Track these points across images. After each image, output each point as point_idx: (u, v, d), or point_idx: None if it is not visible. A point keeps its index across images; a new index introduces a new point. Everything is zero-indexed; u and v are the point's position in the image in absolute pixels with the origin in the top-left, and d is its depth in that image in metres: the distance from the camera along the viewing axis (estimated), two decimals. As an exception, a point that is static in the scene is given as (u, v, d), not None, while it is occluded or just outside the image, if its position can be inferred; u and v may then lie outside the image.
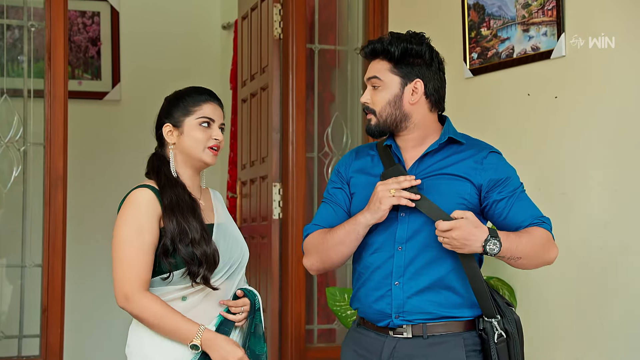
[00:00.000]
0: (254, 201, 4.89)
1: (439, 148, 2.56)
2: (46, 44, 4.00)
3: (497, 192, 2.51)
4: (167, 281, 2.46)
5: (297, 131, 4.51)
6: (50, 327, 3.93)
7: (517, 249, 2.42)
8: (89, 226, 6.07)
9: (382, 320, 2.52)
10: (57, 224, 3.96)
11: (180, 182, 2.53)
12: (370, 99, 2.57)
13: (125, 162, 6.14)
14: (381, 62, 2.56)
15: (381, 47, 2.56)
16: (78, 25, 6.17)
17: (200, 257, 2.44)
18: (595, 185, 3.28)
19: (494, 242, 2.37)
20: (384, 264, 2.52)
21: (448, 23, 4.03)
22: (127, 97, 6.29)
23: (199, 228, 2.47)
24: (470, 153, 2.56)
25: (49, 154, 3.97)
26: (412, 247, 2.50)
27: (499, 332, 2.45)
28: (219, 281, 2.51)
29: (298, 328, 4.45)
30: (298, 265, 4.44)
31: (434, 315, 2.48)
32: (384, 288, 2.51)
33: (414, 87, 2.55)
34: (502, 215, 2.51)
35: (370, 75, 2.57)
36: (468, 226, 2.37)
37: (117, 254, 2.44)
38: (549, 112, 3.49)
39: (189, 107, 2.54)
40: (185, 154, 2.55)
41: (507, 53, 3.68)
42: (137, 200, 2.46)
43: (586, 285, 3.30)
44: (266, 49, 4.71)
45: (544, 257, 2.51)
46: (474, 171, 2.52)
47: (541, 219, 2.52)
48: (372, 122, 2.57)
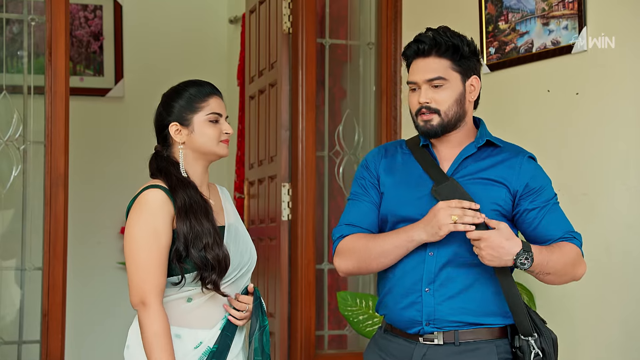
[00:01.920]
0: (262, 202, 4.88)
1: (476, 150, 2.56)
2: (47, 38, 4.00)
3: (529, 201, 2.50)
4: (178, 286, 2.46)
5: (307, 129, 4.50)
6: (51, 333, 3.93)
7: (548, 265, 2.43)
8: (91, 228, 6.08)
9: (412, 327, 2.52)
10: (58, 225, 3.96)
11: (191, 182, 2.53)
12: (432, 98, 2.52)
13: (128, 162, 6.15)
14: (440, 60, 2.52)
15: (446, 43, 2.51)
16: (80, 20, 6.18)
17: (212, 262, 2.45)
18: (618, 185, 3.27)
19: (526, 257, 2.37)
20: (414, 270, 2.51)
21: (464, 16, 4.02)
22: (131, 94, 6.29)
23: (212, 231, 2.47)
24: (507, 156, 2.55)
25: (49, 153, 3.97)
26: (444, 253, 2.49)
27: (535, 351, 2.45)
28: (225, 285, 2.52)
29: (308, 334, 4.44)
30: (308, 268, 4.43)
31: (466, 322, 2.48)
32: (414, 294, 2.50)
33: (472, 84, 2.56)
34: (532, 225, 2.50)
35: (433, 76, 2.51)
36: (498, 238, 2.36)
37: (133, 258, 2.44)
38: (570, 110, 3.48)
39: (195, 103, 2.54)
40: (198, 151, 2.55)
41: (526, 48, 3.66)
42: (150, 201, 2.46)
43: (609, 289, 3.28)
44: (275, 44, 4.70)
45: (572, 274, 2.52)
46: (511, 176, 2.52)
47: (572, 234, 2.51)
48: (435, 122, 2.52)
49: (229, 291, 2.53)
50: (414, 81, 2.54)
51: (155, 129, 2.61)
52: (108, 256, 6.17)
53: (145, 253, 2.42)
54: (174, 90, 2.60)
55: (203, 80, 2.62)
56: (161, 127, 2.58)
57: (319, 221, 4.61)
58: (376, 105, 4.71)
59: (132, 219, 2.47)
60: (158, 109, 2.60)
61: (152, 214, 2.44)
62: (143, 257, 2.42)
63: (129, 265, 2.45)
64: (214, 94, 2.57)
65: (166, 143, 2.58)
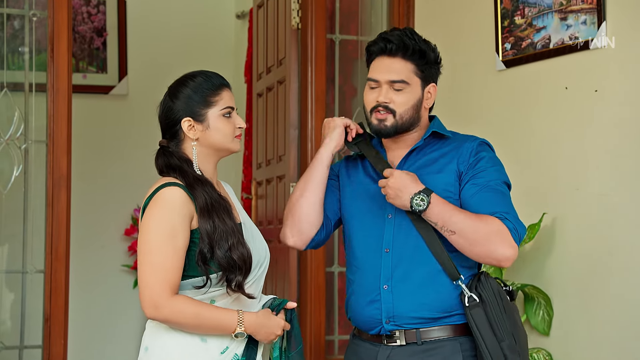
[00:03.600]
0: (270, 203, 4.89)
1: (424, 144, 2.65)
2: (49, 34, 4.01)
3: (467, 179, 2.56)
4: (202, 289, 2.42)
5: (316, 128, 4.50)
6: (53, 338, 3.94)
7: (451, 219, 2.47)
8: (94, 229, 6.10)
9: (373, 327, 2.59)
10: (61, 227, 3.97)
11: (208, 180, 2.49)
12: (391, 98, 2.61)
13: (133, 161, 6.16)
14: (404, 62, 2.61)
15: (413, 45, 2.60)
16: (82, 15, 6.20)
17: (238, 262, 2.42)
18: (639, 186, 3.26)
19: (422, 199, 2.46)
20: (372, 268, 2.60)
21: (479, 11, 4.01)
22: (135, 92, 6.30)
23: (235, 230, 2.45)
24: (455, 145, 2.63)
25: (51, 152, 3.98)
26: (400, 249, 2.56)
27: (469, 294, 2.49)
28: (247, 285, 2.49)
29: (318, 339, 4.45)
30: (318, 271, 4.44)
31: (426, 318, 2.53)
32: (373, 293, 2.58)
33: (429, 91, 2.66)
34: (465, 202, 2.54)
35: (396, 78, 2.60)
36: (405, 178, 2.49)
37: (148, 258, 2.38)
38: (589, 108, 3.47)
39: (208, 97, 2.49)
40: (212, 147, 2.51)
41: (543, 43, 3.65)
42: (170, 200, 2.40)
43: (628, 293, 3.27)
44: (283, 40, 4.71)
45: (488, 248, 2.47)
46: (457, 160, 2.59)
47: (505, 214, 2.49)
48: (389, 123, 2.62)
49: (252, 291, 2.51)
50: (377, 79, 2.62)
51: (161, 124, 2.56)
52: (112, 259, 6.18)
53: (161, 255, 2.36)
54: (183, 82, 2.53)
55: (208, 70, 2.57)
56: (171, 123, 2.52)
57: (329, 223, 4.61)
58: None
59: (149, 219, 2.40)
60: (165, 103, 2.54)
61: (171, 213, 2.38)
62: (158, 258, 2.36)
63: (141, 266, 2.40)
64: (224, 85, 2.54)
65: (176, 139, 2.53)
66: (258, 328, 2.46)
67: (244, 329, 2.42)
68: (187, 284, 2.42)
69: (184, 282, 2.42)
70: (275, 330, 2.49)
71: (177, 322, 2.40)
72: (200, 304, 2.40)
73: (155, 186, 2.45)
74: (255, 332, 2.46)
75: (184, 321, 2.39)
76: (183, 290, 2.43)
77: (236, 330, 2.42)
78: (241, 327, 2.42)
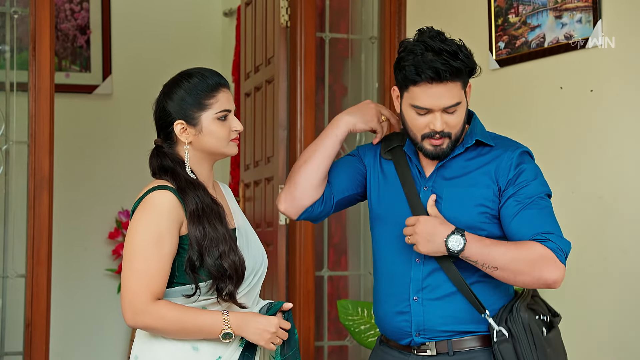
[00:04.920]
0: (259, 205, 4.88)
1: (463, 150, 2.55)
2: (30, 32, 3.99)
3: (508, 195, 2.48)
4: (191, 298, 2.39)
5: (305, 128, 4.50)
6: (34, 344, 3.92)
7: (490, 255, 2.40)
8: (77, 233, 6.08)
9: (402, 338, 2.55)
10: (43, 230, 3.96)
11: (201, 183, 2.45)
12: (446, 123, 2.48)
13: (117, 162, 6.15)
14: (456, 84, 2.46)
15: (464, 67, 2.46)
16: (65, 12, 6.18)
17: (229, 271, 2.38)
18: (636, 188, 3.26)
19: (457, 238, 2.39)
20: (402, 277, 2.54)
21: (472, 9, 4.01)
22: (119, 91, 6.29)
23: (227, 237, 2.41)
24: (496, 154, 2.54)
25: (33, 154, 3.97)
26: (431, 259, 2.50)
27: (497, 329, 2.44)
28: (240, 295, 2.45)
29: (307, 344, 4.44)
30: (307, 275, 4.43)
31: (457, 331, 2.50)
32: (402, 303, 2.53)
33: (467, 91, 2.54)
34: (506, 221, 2.48)
35: (453, 103, 2.46)
36: (433, 221, 2.41)
37: (132, 264, 2.35)
38: (584, 108, 3.47)
39: (203, 100, 2.44)
40: (205, 151, 2.48)
41: (538, 42, 3.66)
42: (159, 204, 2.37)
43: (626, 298, 3.28)
44: (272, 38, 4.70)
45: (533, 275, 2.41)
46: (497, 173, 2.50)
47: (547, 235, 2.42)
48: (445, 146, 2.50)
49: (245, 301, 2.47)
50: (428, 108, 2.46)
51: (155, 123, 2.51)
52: (95, 263, 6.16)
53: (146, 260, 2.33)
54: (178, 82, 2.48)
55: (207, 68, 2.51)
56: (164, 124, 2.48)
57: (318, 226, 4.60)
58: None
59: (136, 223, 2.38)
60: (159, 102, 2.49)
61: (159, 217, 2.35)
62: (143, 265, 2.33)
63: (124, 271, 2.37)
64: (222, 85, 2.48)
65: (169, 140, 2.49)
66: (245, 325, 2.39)
67: (230, 329, 2.37)
68: (177, 292, 2.40)
69: (173, 289, 2.40)
70: (269, 327, 2.41)
71: (158, 328, 2.37)
72: (181, 308, 2.37)
73: (146, 189, 2.43)
74: (244, 330, 2.39)
75: (166, 327, 2.36)
76: (172, 298, 2.40)
77: (222, 331, 2.37)
78: (227, 326, 2.37)
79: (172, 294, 2.40)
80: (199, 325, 2.37)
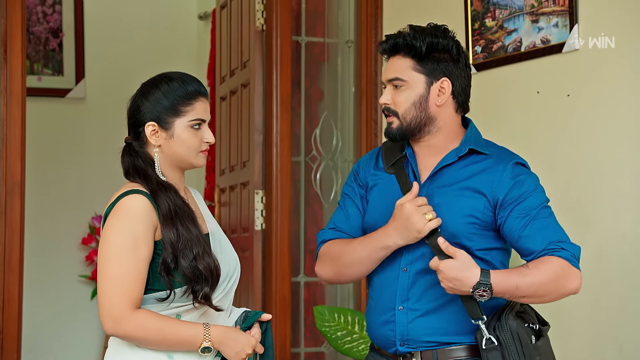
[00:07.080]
0: (234, 210, 4.88)
1: (456, 159, 2.57)
2: (2, 35, 3.98)
3: (509, 211, 2.49)
4: (165, 302, 2.37)
5: (281, 132, 4.50)
6: (5, 352, 3.90)
7: (518, 289, 2.41)
8: (49, 238, 6.05)
9: (388, 347, 2.57)
10: (14, 236, 3.94)
11: (172, 186, 2.44)
12: (392, 99, 2.56)
13: (90, 167, 6.13)
14: (403, 59, 2.55)
15: (403, 41, 2.54)
16: (37, 15, 6.16)
17: (204, 273, 2.37)
18: (615, 194, 3.28)
19: (484, 289, 2.37)
20: (389, 286, 2.56)
21: (448, 13, 4.03)
22: (93, 95, 6.27)
23: (200, 239, 2.40)
24: (490, 164, 2.55)
25: (4, 158, 3.95)
26: (417, 269, 2.52)
27: (487, 336, 2.44)
28: (217, 299, 2.45)
29: (283, 351, 4.44)
30: (283, 281, 4.43)
31: (440, 342, 2.51)
32: (389, 312, 2.55)
33: (441, 86, 2.56)
34: (514, 238, 2.49)
35: (392, 77, 2.55)
36: (452, 270, 2.38)
37: (108, 271, 2.33)
38: (561, 112, 3.50)
39: (179, 106, 2.42)
40: (174, 158, 2.46)
41: (515, 46, 3.68)
42: (133, 209, 2.35)
43: (604, 306, 3.30)
44: (247, 42, 4.70)
45: (559, 291, 2.46)
46: (491, 184, 2.51)
47: (559, 244, 2.46)
48: (394, 126, 2.56)
49: (222, 305, 2.46)
50: (383, 81, 2.62)
51: (128, 120, 2.49)
52: (68, 269, 6.12)
53: (122, 267, 2.31)
54: (156, 83, 2.45)
55: (188, 74, 2.50)
56: (136, 123, 2.46)
57: (294, 231, 4.61)
58: (355, 108, 4.72)
59: (110, 229, 2.35)
60: (135, 100, 2.46)
61: (133, 222, 2.34)
62: (119, 271, 2.31)
63: (100, 279, 2.35)
64: (201, 94, 2.46)
65: (139, 139, 2.47)
66: (226, 341, 2.40)
67: (210, 343, 2.37)
68: (150, 297, 2.38)
69: (146, 296, 2.38)
70: (246, 348, 2.43)
71: (138, 338, 2.36)
72: (163, 318, 2.36)
73: (118, 194, 2.41)
74: (223, 346, 2.40)
75: (146, 337, 2.35)
76: (146, 305, 2.38)
77: (202, 345, 2.37)
78: (207, 341, 2.37)
79: (146, 300, 2.38)
80: (180, 338, 2.37)
